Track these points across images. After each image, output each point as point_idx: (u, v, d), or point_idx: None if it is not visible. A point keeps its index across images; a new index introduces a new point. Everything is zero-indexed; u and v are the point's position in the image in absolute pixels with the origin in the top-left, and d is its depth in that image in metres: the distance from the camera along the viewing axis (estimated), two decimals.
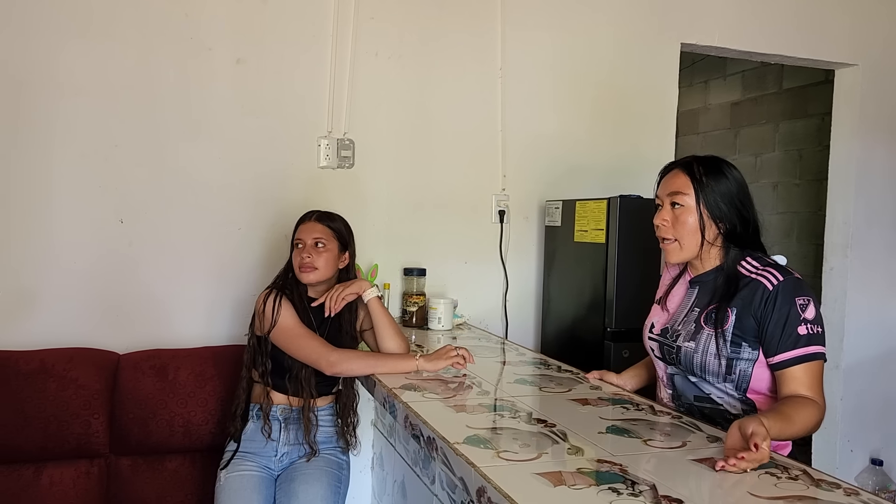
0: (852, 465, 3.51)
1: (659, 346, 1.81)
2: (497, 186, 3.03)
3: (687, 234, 1.70)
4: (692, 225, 1.69)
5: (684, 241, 1.70)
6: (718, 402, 1.69)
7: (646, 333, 1.87)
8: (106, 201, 2.53)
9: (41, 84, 2.44)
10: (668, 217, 1.71)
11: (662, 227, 1.73)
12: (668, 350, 1.77)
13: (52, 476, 2.30)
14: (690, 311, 1.75)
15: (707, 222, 1.68)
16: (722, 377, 1.66)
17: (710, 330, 1.67)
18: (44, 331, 2.45)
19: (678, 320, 1.77)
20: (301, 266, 2.18)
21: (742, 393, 1.66)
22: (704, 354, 1.67)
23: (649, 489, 1.20)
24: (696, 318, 1.72)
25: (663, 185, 1.75)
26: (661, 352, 1.80)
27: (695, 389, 1.73)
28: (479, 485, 1.24)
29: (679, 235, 1.70)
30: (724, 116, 5.15)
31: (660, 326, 1.83)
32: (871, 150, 3.57)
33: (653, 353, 1.85)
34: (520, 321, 3.09)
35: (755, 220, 1.71)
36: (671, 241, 1.72)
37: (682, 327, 1.75)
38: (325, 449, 2.24)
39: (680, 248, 1.72)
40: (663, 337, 1.79)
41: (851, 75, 3.58)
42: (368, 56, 2.81)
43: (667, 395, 1.81)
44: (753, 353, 1.63)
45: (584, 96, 3.14)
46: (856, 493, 1.24)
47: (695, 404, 1.74)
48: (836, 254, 3.60)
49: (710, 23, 3.29)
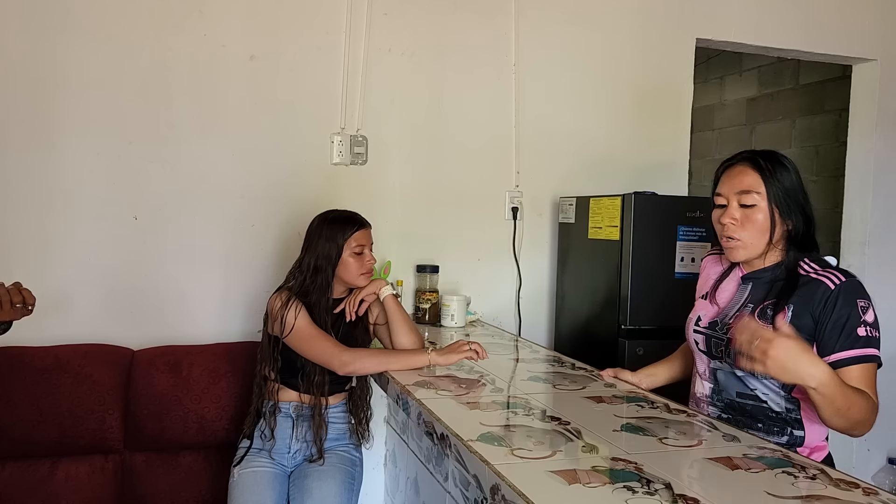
0: (869, 465, 3.48)
1: (705, 339, 1.78)
2: (511, 183, 3.02)
3: (756, 233, 1.65)
4: (762, 223, 1.64)
5: (752, 240, 1.66)
6: (763, 399, 1.67)
7: (690, 326, 1.84)
8: (120, 198, 2.54)
9: (55, 81, 2.45)
10: (738, 215, 1.66)
11: (731, 226, 1.67)
12: (717, 343, 1.74)
13: (67, 471, 2.32)
14: (744, 306, 1.71)
15: (777, 220, 1.64)
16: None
17: (765, 325, 1.64)
18: (58, 327, 2.47)
19: (729, 314, 1.74)
20: (369, 272, 2.19)
21: (787, 392, 1.64)
22: None
23: (664, 488, 1.19)
24: (750, 312, 1.68)
25: (728, 183, 1.68)
26: (706, 345, 1.78)
27: (739, 385, 1.71)
28: (493, 482, 1.23)
29: (747, 234, 1.66)
30: (739, 112, 5.11)
31: (707, 319, 1.79)
32: (889, 146, 3.52)
33: (696, 346, 1.82)
34: (533, 318, 3.07)
35: (814, 217, 1.67)
36: (737, 240, 1.67)
37: (733, 321, 1.71)
38: (338, 446, 2.24)
39: (745, 248, 1.67)
40: (712, 329, 1.76)
41: (869, 70, 3.54)
42: (382, 52, 2.81)
43: (706, 389, 1.79)
44: None
45: (599, 92, 3.12)
46: (875, 492, 1.22)
47: (736, 400, 1.71)
48: (854, 251, 3.56)
49: (725, 18, 3.26)
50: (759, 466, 1.32)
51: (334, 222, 2.19)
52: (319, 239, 2.17)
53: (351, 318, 2.18)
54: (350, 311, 2.18)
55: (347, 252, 2.16)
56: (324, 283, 2.16)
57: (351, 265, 2.17)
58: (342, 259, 2.16)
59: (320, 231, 2.18)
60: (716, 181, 1.73)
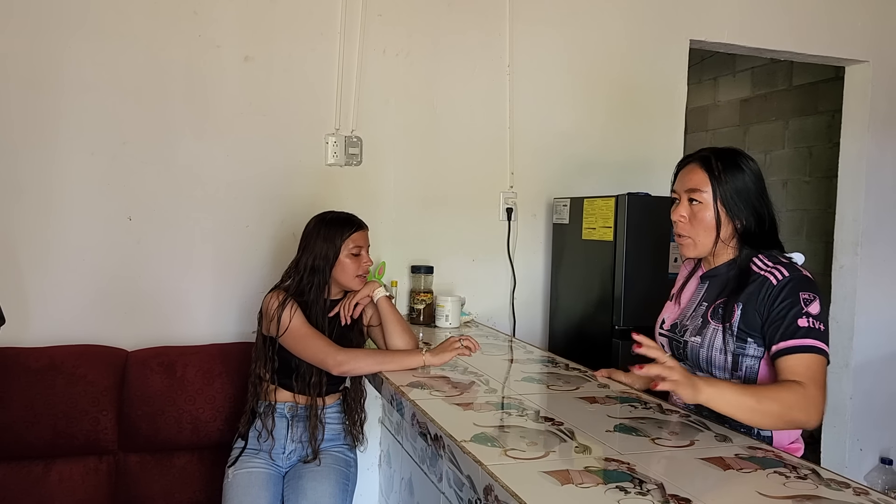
0: (862, 464, 3.49)
1: (668, 341, 1.80)
2: (505, 184, 3.03)
3: (703, 231, 1.69)
4: (709, 221, 1.68)
5: (699, 237, 1.70)
6: None
7: (657, 329, 1.87)
8: (114, 199, 2.53)
9: (49, 82, 2.45)
10: (686, 213, 1.71)
11: (680, 222, 1.72)
12: (677, 345, 1.76)
13: (61, 472, 2.31)
14: (699, 305, 1.75)
15: (723, 219, 1.67)
16: (728, 372, 1.65)
17: (716, 324, 1.66)
18: (53, 328, 2.46)
19: (687, 315, 1.77)
20: (365, 273, 2.20)
21: None
22: (710, 349, 1.66)
23: (657, 488, 1.20)
24: (704, 312, 1.71)
25: (680, 180, 1.73)
26: (670, 347, 1.80)
27: None
28: (487, 483, 1.23)
29: (695, 232, 1.70)
30: (733, 113, 5.12)
31: (670, 322, 1.82)
32: (881, 147, 3.54)
33: (663, 349, 1.83)
34: (527, 319, 3.08)
35: (771, 216, 1.69)
36: (686, 237, 1.72)
37: (689, 322, 1.74)
38: (332, 446, 2.24)
39: (695, 245, 1.71)
40: (672, 332, 1.79)
41: (862, 72, 3.55)
42: (376, 53, 2.81)
43: None
44: (759, 349, 1.62)
45: (593, 93, 3.13)
46: (865, 492, 1.23)
47: None
48: (846, 252, 3.58)
49: (718, 19, 3.27)
50: (750, 466, 1.32)
51: (332, 223, 2.19)
52: (317, 239, 2.17)
53: (346, 321, 2.19)
54: (345, 315, 2.18)
55: (344, 253, 2.16)
56: (320, 284, 2.16)
57: (347, 266, 2.17)
58: (339, 260, 2.16)
59: (318, 231, 2.18)
60: (674, 178, 1.77)
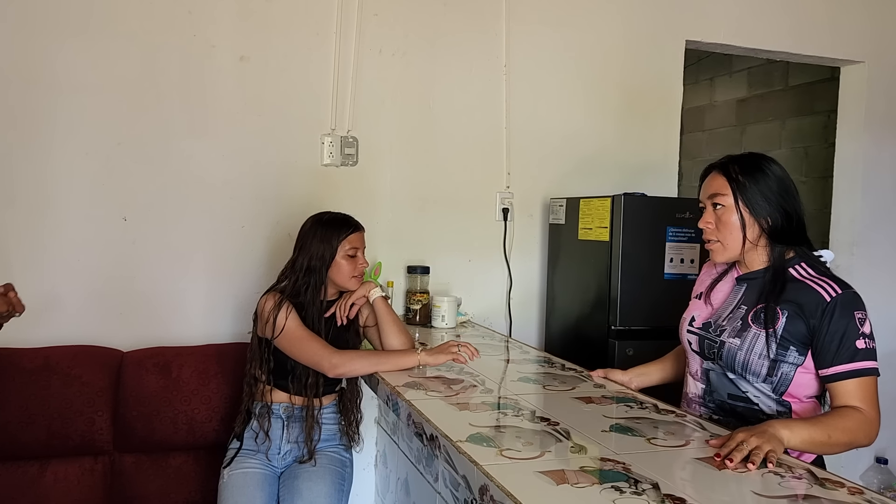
0: (857, 464, 3.49)
1: (699, 339, 1.79)
2: (501, 184, 3.03)
3: (729, 234, 1.71)
4: (734, 223, 1.69)
5: (727, 240, 1.72)
6: (754, 401, 1.68)
7: (684, 326, 1.86)
8: (109, 199, 2.53)
9: (43, 82, 2.44)
10: (711, 219, 1.73)
11: (707, 229, 1.75)
12: (710, 344, 1.75)
13: (56, 473, 2.30)
14: (737, 307, 1.73)
15: (748, 220, 1.68)
16: (762, 377, 1.65)
17: (758, 329, 1.65)
18: (48, 328, 2.46)
19: (723, 315, 1.76)
20: (360, 275, 2.20)
21: (779, 395, 1.65)
22: (749, 353, 1.65)
23: (652, 488, 1.20)
24: (744, 315, 1.70)
25: (703, 189, 1.77)
26: (699, 346, 1.79)
27: (731, 387, 1.72)
28: (482, 483, 1.23)
29: (722, 236, 1.72)
30: (729, 113, 5.13)
31: (701, 320, 1.81)
32: (877, 147, 3.55)
33: (689, 346, 1.83)
34: (523, 319, 3.08)
35: (798, 213, 1.70)
36: (715, 241, 1.74)
37: (727, 323, 1.73)
38: (328, 447, 2.24)
39: (724, 248, 1.73)
40: (705, 331, 1.78)
41: (857, 72, 3.56)
42: (372, 53, 2.81)
43: (698, 389, 1.80)
44: (800, 357, 1.62)
45: (589, 94, 3.13)
46: (860, 491, 1.23)
47: (727, 401, 1.72)
48: (843, 252, 3.58)
49: (715, 19, 3.28)
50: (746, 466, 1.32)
51: (329, 224, 2.19)
52: (313, 240, 2.16)
53: (342, 322, 2.18)
54: (341, 316, 2.18)
55: (341, 254, 2.16)
56: (316, 284, 2.16)
57: (343, 267, 2.17)
58: (335, 261, 2.16)
59: (314, 232, 2.18)
60: (698, 189, 1.81)
